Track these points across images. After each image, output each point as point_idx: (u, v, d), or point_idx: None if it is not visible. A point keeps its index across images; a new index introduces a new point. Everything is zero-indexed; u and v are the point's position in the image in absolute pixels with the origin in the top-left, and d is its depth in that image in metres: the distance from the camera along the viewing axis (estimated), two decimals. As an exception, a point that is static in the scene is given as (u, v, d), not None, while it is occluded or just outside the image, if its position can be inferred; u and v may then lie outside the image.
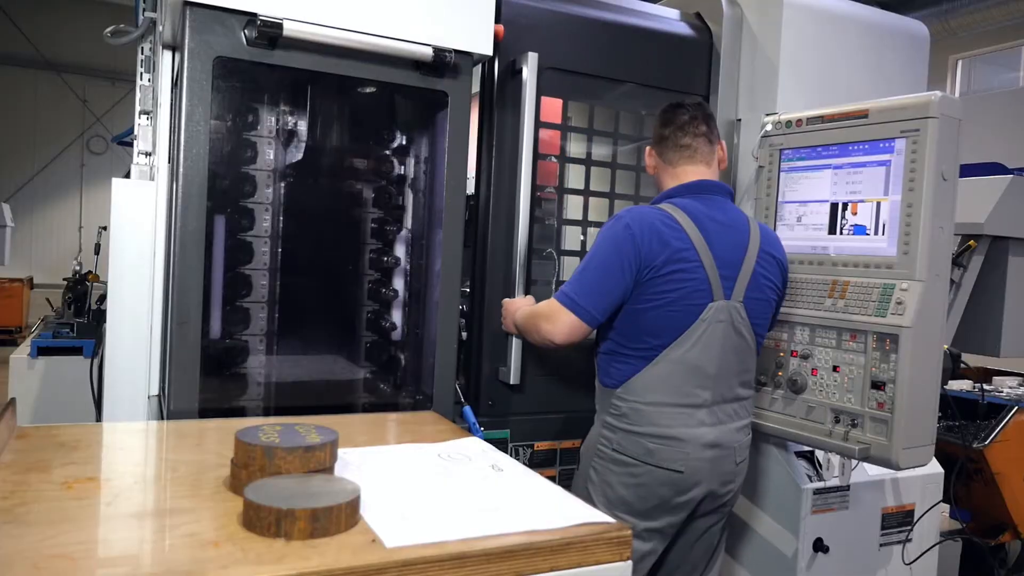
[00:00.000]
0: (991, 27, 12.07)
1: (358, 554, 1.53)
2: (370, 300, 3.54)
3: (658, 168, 3.16)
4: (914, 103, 2.93)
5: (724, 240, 2.91)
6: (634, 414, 2.92)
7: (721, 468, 2.94)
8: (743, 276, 2.92)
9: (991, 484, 4.40)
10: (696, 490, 2.91)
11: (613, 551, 1.74)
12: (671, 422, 2.88)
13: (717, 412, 2.93)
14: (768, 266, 3.00)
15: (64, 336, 6.04)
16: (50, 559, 1.46)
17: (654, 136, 3.16)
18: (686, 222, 2.87)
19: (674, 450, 2.87)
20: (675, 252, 2.83)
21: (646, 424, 2.90)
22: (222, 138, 3.10)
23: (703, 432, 2.90)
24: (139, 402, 3.08)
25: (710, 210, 2.95)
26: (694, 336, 2.86)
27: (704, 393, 2.90)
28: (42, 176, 17.82)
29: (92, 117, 18.07)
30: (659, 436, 2.88)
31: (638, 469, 2.91)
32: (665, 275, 2.83)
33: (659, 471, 2.88)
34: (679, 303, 2.84)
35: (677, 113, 3.11)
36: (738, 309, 2.91)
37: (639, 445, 2.91)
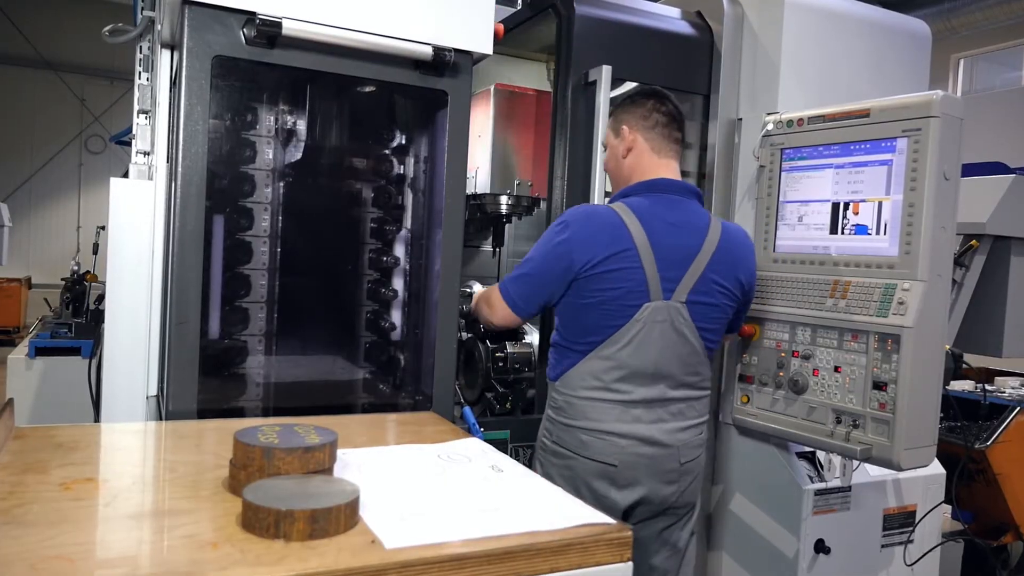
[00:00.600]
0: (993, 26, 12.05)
1: (357, 555, 1.52)
2: (369, 300, 3.53)
3: (635, 153, 3.06)
4: (916, 102, 2.92)
5: (671, 241, 2.87)
6: (569, 407, 2.95)
7: (661, 467, 2.90)
8: (688, 278, 2.87)
9: (993, 485, 4.39)
10: (635, 489, 2.89)
11: (614, 552, 1.73)
12: (603, 416, 2.89)
13: (657, 410, 2.91)
14: (723, 270, 2.94)
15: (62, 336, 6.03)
16: (48, 560, 1.45)
17: (641, 118, 3.06)
18: (632, 222, 2.85)
19: (607, 443, 2.88)
20: (614, 252, 2.83)
21: (580, 417, 2.92)
22: (221, 137, 3.10)
23: (638, 428, 2.88)
24: (137, 403, 3.08)
25: (666, 210, 2.92)
26: (628, 335, 2.85)
27: (640, 390, 2.88)
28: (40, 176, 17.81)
29: (90, 116, 18.06)
30: (592, 429, 2.90)
31: (573, 461, 2.92)
32: (602, 274, 2.83)
33: (592, 464, 2.89)
34: (614, 302, 2.84)
35: (668, 101, 3.09)
36: (679, 310, 2.87)
37: (574, 437, 2.93)
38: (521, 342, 3.89)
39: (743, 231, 3.15)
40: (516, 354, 3.83)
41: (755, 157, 3.48)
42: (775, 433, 3.33)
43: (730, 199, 3.72)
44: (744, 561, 3.61)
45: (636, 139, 3.05)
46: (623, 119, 3.09)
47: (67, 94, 17.75)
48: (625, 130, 3.07)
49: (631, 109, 3.09)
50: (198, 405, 2.74)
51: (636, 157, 3.06)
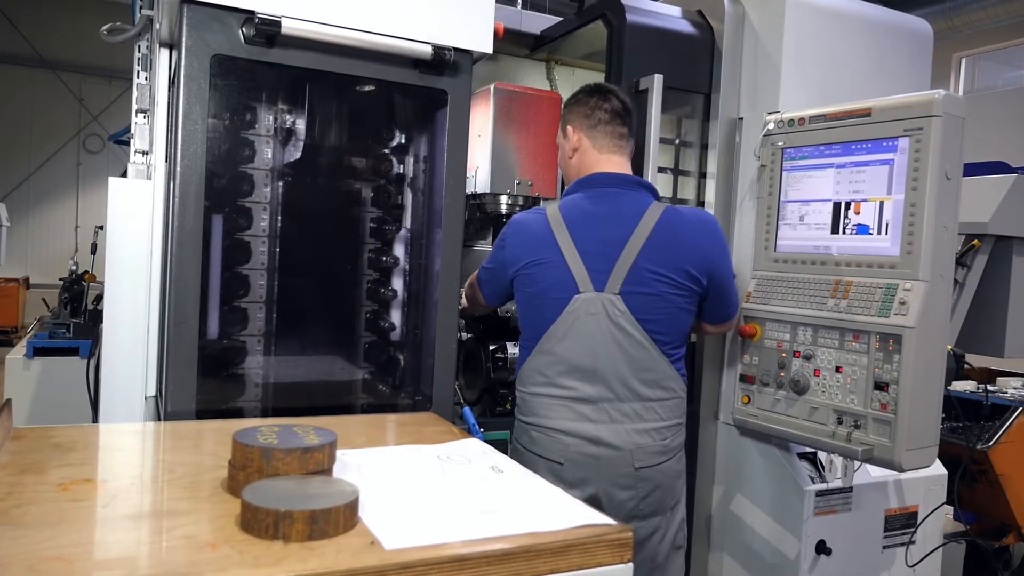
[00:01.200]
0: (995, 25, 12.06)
1: (357, 556, 1.52)
2: (369, 300, 3.52)
3: (581, 152, 3.16)
4: (918, 101, 2.91)
5: (596, 235, 2.93)
6: (523, 404, 3.06)
7: (612, 470, 2.88)
8: (619, 269, 2.87)
9: (995, 486, 4.38)
10: (585, 488, 2.86)
11: (614, 553, 1.73)
12: (549, 413, 2.95)
13: (608, 409, 2.90)
14: (659, 261, 2.90)
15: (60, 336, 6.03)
16: (46, 561, 1.45)
17: (584, 117, 3.15)
18: (555, 219, 2.98)
19: (552, 440, 2.93)
20: (534, 251, 3.00)
21: (530, 414, 3.01)
22: (219, 137, 3.09)
23: (586, 427, 2.89)
24: (136, 403, 3.08)
25: (594, 204, 2.99)
26: (562, 328, 2.92)
27: (585, 387, 2.90)
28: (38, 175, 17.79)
29: (88, 116, 18.04)
30: (540, 426, 2.97)
31: (526, 458, 2.97)
32: (525, 272, 3.01)
33: (541, 460, 2.93)
34: (539, 297, 2.98)
35: (613, 97, 3.14)
36: (613, 301, 2.87)
37: (526, 434, 3.02)
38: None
39: (699, 216, 3.09)
40: (516, 354, 3.81)
41: (756, 156, 3.47)
42: (776, 434, 3.32)
43: (731, 199, 3.71)
44: (745, 562, 3.60)
45: (580, 139, 3.15)
46: (568, 119, 3.20)
47: (65, 93, 17.73)
48: (570, 130, 3.18)
49: (575, 108, 3.19)
50: (197, 406, 2.73)
51: (581, 156, 3.16)
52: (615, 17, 3.65)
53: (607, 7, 3.71)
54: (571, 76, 4.72)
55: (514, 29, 4.23)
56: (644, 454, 2.91)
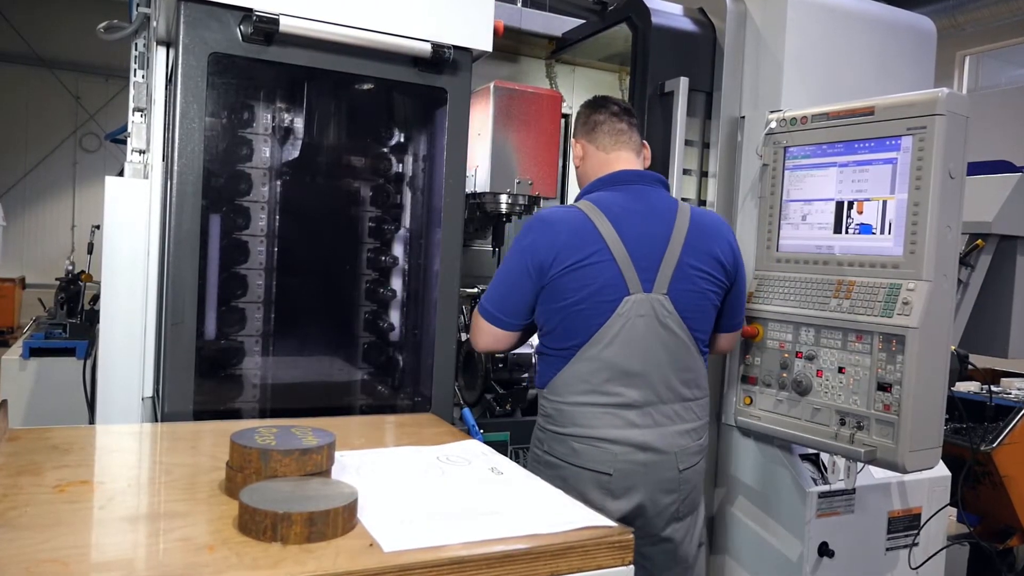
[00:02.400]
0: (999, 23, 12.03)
1: (356, 558, 1.52)
2: (368, 300, 3.52)
3: (587, 158, 3.09)
4: (921, 100, 2.90)
5: (641, 232, 2.82)
6: (558, 414, 2.86)
7: (659, 475, 2.81)
8: (665, 267, 2.81)
9: (999, 487, 4.37)
10: (631, 498, 2.79)
11: (615, 555, 1.73)
12: (595, 422, 2.80)
13: (652, 413, 2.81)
14: (697, 255, 2.87)
15: (56, 337, 6.00)
16: (43, 564, 1.45)
17: (581, 125, 3.12)
18: (598, 217, 2.81)
19: (600, 451, 2.78)
20: (580, 250, 2.78)
21: (570, 424, 2.83)
22: (217, 135, 3.09)
23: (633, 434, 2.79)
24: (133, 404, 3.09)
25: (631, 201, 2.88)
26: (611, 332, 2.77)
27: (631, 392, 2.79)
28: (34, 174, 17.77)
29: (85, 114, 18.01)
30: (584, 436, 2.81)
31: (565, 471, 2.82)
32: (571, 274, 2.78)
33: (586, 473, 2.79)
34: (588, 300, 2.78)
35: (608, 102, 3.12)
36: (662, 302, 2.80)
37: (565, 446, 2.84)
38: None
39: (714, 214, 3.16)
40: (516, 355, 3.80)
41: (758, 155, 3.45)
42: (778, 435, 3.30)
43: (733, 198, 3.69)
44: (747, 564, 3.59)
45: (583, 145, 3.10)
46: (573, 134, 3.18)
47: (62, 91, 17.70)
48: (573, 143, 3.15)
49: (575, 123, 3.18)
50: (194, 406, 2.73)
51: (588, 160, 3.09)
52: (640, 20, 3.67)
53: (632, 10, 3.73)
54: (571, 74, 4.72)
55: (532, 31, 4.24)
56: (686, 455, 2.88)
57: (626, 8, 3.78)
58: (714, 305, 2.94)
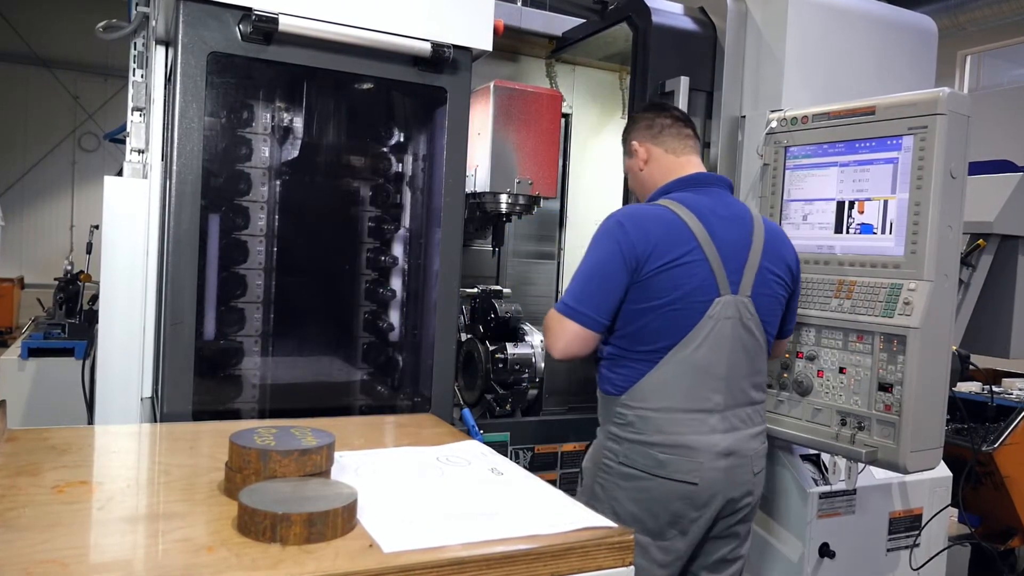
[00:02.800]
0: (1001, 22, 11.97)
1: (355, 559, 1.51)
2: (367, 300, 3.51)
3: (652, 161, 3.00)
4: (922, 99, 2.89)
5: (728, 234, 2.77)
6: (641, 422, 2.72)
7: (737, 479, 2.76)
8: (749, 270, 2.78)
9: (1001, 488, 4.37)
10: (712, 506, 2.73)
11: (615, 556, 1.72)
12: (682, 429, 2.69)
13: (730, 417, 2.75)
14: (774, 260, 2.87)
15: (55, 337, 6.01)
16: (41, 564, 1.44)
17: (645, 129, 3.03)
18: (688, 216, 2.74)
19: (687, 460, 2.68)
20: (675, 248, 2.69)
21: (654, 432, 2.70)
22: (216, 135, 3.08)
23: (716, 440, 2.70)
24: (132, 404, 3.08)
25: (713, 204, 2.82)
26: (701, 334, 2.69)
27: (716, 397, 2.72)
28: (33, 174, 17.72)
29: (84, 114, 17.96)
30: (670, 445, 2.69)
31: (648, 483, 2.71)
32: (666, 272, 2.68)
33: (671, 484, 2.69)
34: (683, 300, 2.68)
35: (668, 107, 3.10)
36: (746, 304, 2.76)
37: (648, 456, 2.71)
38: (522, 343, 3.87)
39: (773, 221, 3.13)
40: (516, 355, 3.80)
41: (759, 155, 3.45)
42: (779, 435, 3.29)
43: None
44: (748, 565, 3.55)
45: (648, 148, 3.00)
46: (629, 138, 3.07)
47: (60, 91, 17.65)
48: (635, 145, 3.04)
49: (633, 127, 3.08)
50: (193, 407, 2.73)
51: (654, 164, 3.00)
52: (640, 19, 3.67)
53: (632, 9, 3.72)
54: (571, 74, 4.71)
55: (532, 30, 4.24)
56: (758, 459, 2.85)
57: (626, 7, 3.78)
58: (783, 308, 2.94)
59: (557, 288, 4.78)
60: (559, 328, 2.75)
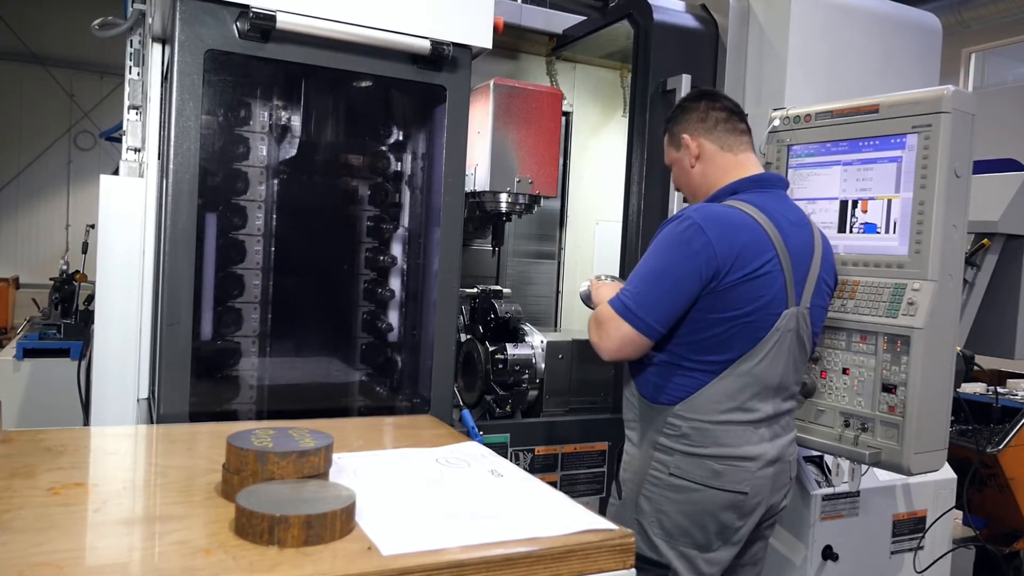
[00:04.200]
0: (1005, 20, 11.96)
1: (353, 562, 1.52)
2: (366, 300, 3.51)
3: (706, 159, 2.85)
4: (926, 98, 2.87)
5: (797, 241, 2.69)
6: (697, 434, 2.61)
7: (778, 484, 2.73)
8: (810, 280, 2.71)
9: (1005, 490, 4.36)
10: (756, 513, 2.69)
11: (616, 559, 1.72)
12: (737, 440, 2.62)
13: (774, 426, 2.71)
14: (827, 269, 2.82)
15: (51, 337, 6.03)
16: (37, 567, 1.45)
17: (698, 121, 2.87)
18: (766, 223, 2.62)
19: (740, 470, 2.61)
20: (757, 258, 2.57)
21: (711, 444, 2.61)
22: (213, 133, 3.08)
23: (765, 448, 2.66)
24: (128, 405, 3.07)
25: (783, 208, 2.73)
26: (767, 347, 2.61)
27: (767, 407, 2.66)
28: (28, 173, 17.65)
29: (79, 112, 17.88)
30: (726, 457, 2.60)
31: (699, 494, 2.62)
32: (747, 283, 2.56)
33: (722, 495, 2.61)
34: (758, 312, 2.59)
35: (721, 96, 2.95)
36: (804, 316, 2.69)
37: (703, 468, 2.61)
38: (522, 343, 3.85)
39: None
40: (516, 356, 3.78)
41: (761, 154, 3.42)
42: (781, 436, 3.28)
43: (735, 197, 3.68)
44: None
45: (700, 144, 2.85)
46: (679, 129, 2.91)
47: (55, 89, 17.57)
48: (686, 139, 2.88)
49: (684, 117, 2.91)
50: (190, 408, 2.72)
51: (708, 162, 2.86)
52: (642, 16, 3.66)
53: (633, 6, 3.71)
54: (572, 72, 4.70)
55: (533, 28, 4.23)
56: (794, 463, 2.83)
57: (627, 4, 3.77)
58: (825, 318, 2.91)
59: (557, 288, 4.77)
60: (614, 329, 2.61)
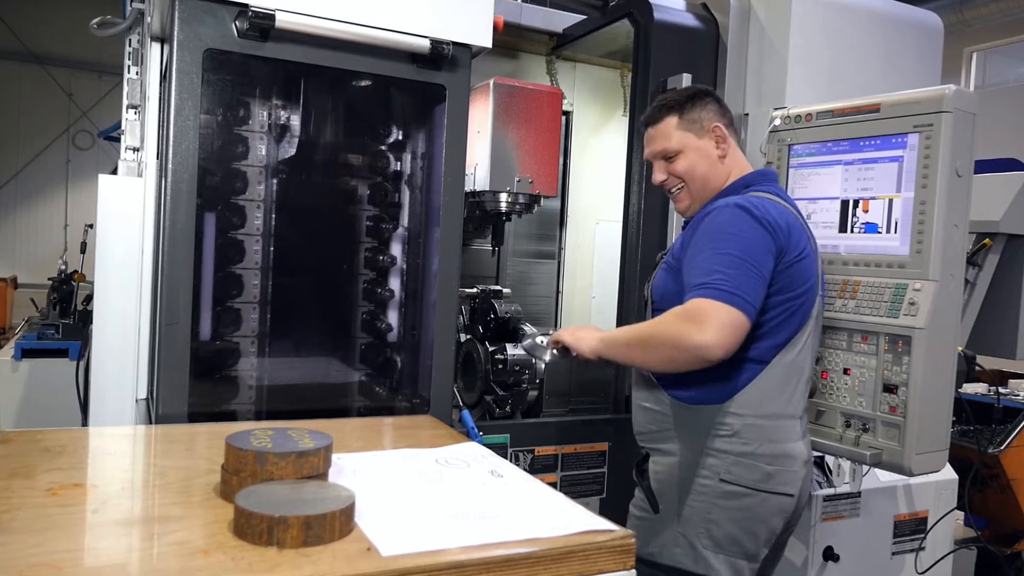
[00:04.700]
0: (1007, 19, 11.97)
1: (353, 563, 1.51)
2: (365, 300, 3.50)
3: (731, 151, 2.82)
4: (927, 97, 2.87)
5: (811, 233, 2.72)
6: (749, 431, 2.52)
7: (808, 485, 2.70)
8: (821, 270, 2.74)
9: (1007, 490, 4.34)
10: (796, 514, 2.65)
11: (616, 560, 1.72)
12: (785, 436, 2.56)
13: (804, 422, 2.69)
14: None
15: (49, 338, 6.01)
16: (35, 568, 1.44)
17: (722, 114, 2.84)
18: (793, 210, 2.65)
19: (788, 471, 2.55)
20: (801, 240, 2.57)
21: (764, 442, 2.52)
22: (212, 133, 3.07)
23: (803, 446, 2.62)
24: (126, 406, 3.06)
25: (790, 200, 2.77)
26: (805, 335, 2.58)
27: (802, 400, 2.64)
28: (26, 172, 17.61)
29: (78, 111, 17.84)
30: (776, 455, 2.53)
31: (751, 499, 2.52)
32: (798, 263, 2.53)
33: (773, 498, 2.53)
34: (805, 296, 2.56)
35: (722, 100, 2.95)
36: (821, 304, 2.71)
37: (755, 470, 2.52)
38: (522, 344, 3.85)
39: None
40: (516, 356, 3.78)
41: (762, 153, 3.43)
42: (782, 437, 3.27)
43: (736, 197, 3.68)
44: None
45: (726, 136, 2.79)
46: (703, 116, 2.79)
47: (54, 88, 17.52)
48: (719, 128, 2.79)
49: (705, 106, 2.81)
50: (189, 408, 2.72)
51: (732, 155, 2.81)
52: (642, 15, 3.65)
53: (634, 5, 3.71)
54: (572, 71, 4.69)
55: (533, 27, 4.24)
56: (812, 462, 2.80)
57: (628, 4, 3.77)
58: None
59: (557, 288, 4.77)
60: (724, 316, 2.34)
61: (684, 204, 2.85)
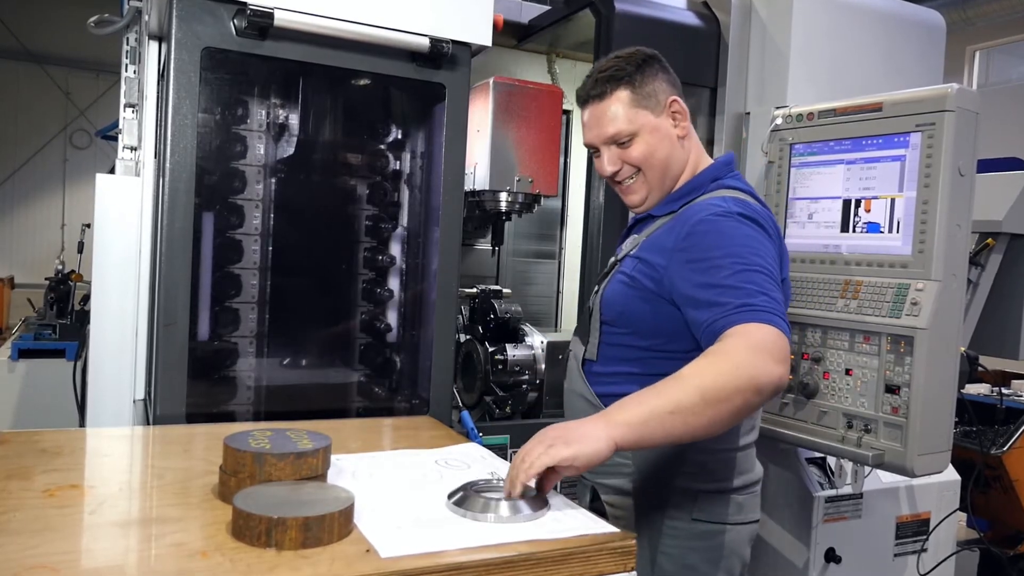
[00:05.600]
0: (1010, 17, 11.97)
1: (352, 565, 1.50)
2: (364, 300, 3.49)
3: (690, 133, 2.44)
4: (930, 96, 2.86)
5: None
6: (724, 467, 2.31)
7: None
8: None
9: (1010, 492, 4.35)
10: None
11: (616, 562, 1.71)
12: (752, 463, 2.41)
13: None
14: None
15: (46, 338, 6.04)
16: (32, 569, 1.43)
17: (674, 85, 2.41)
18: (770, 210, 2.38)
19: (754, 497, 2.40)
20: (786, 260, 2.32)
21: (735, 475, 2.33)
22: (210, 132, 3.06)
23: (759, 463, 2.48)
24: (124, 406, 3.06)
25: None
26: None
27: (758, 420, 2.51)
28: (23, 171, 17.60)
29: (75, 110, 17.82)
30: (748, 485, 2.36)
31: (726, 535, 2.31)
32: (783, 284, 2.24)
33: (745, 528, 2.35)
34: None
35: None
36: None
37: (728, 504, 2.31)
38: (522, 344, 3.83)
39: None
40: (516, 357, 3.77)
41: (763, 152, 3.42)
42: (784, 438, 3.25)
43: (736, 197, 3.66)
44: (752, 570, 3.52)
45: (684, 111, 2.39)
46: (658, 88, 2.35)
47: (51, 87, 17.50)
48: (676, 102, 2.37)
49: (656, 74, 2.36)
50: (187, 409, 2.71)
51: (691, 138, 2.44)
52: (603, 5, 3.60)
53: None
54: (572, 69, 4.68)
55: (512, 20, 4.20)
56: None
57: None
58: None
59: (557, 288, 4.76)
60: (784, 346, 1.98)
61: (640, 196, 2.42)
